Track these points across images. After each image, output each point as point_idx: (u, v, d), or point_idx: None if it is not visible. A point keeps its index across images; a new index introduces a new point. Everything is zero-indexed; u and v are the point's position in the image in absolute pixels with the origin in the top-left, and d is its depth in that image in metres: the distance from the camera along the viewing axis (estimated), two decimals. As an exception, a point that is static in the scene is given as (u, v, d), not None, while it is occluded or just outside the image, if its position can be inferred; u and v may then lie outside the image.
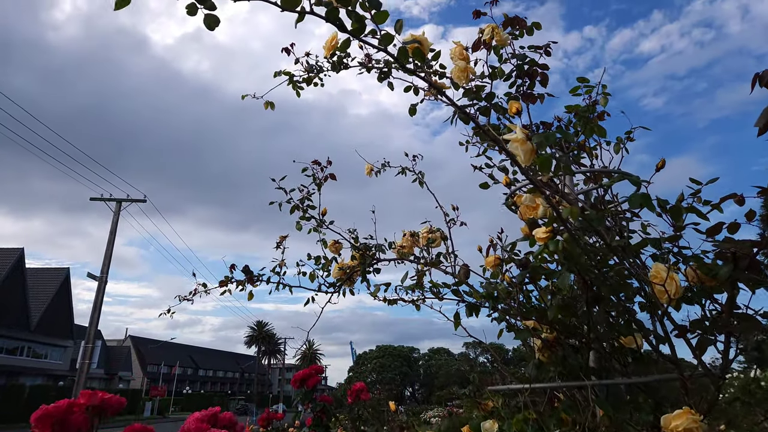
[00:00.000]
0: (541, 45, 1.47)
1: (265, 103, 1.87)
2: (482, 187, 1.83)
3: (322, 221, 1.99)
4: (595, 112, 1.34)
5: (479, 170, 1.97)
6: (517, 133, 1.05)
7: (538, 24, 1.48)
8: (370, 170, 2.40)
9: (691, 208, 1.00)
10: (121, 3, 0.80)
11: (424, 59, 1.00)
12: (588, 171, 1.38)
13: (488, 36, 1.36)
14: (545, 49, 1.46)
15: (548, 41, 1.46)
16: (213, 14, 0.85)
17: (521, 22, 1.46)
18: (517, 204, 1.28)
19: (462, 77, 1.36)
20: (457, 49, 1.42)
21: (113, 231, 12.53)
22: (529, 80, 1.48)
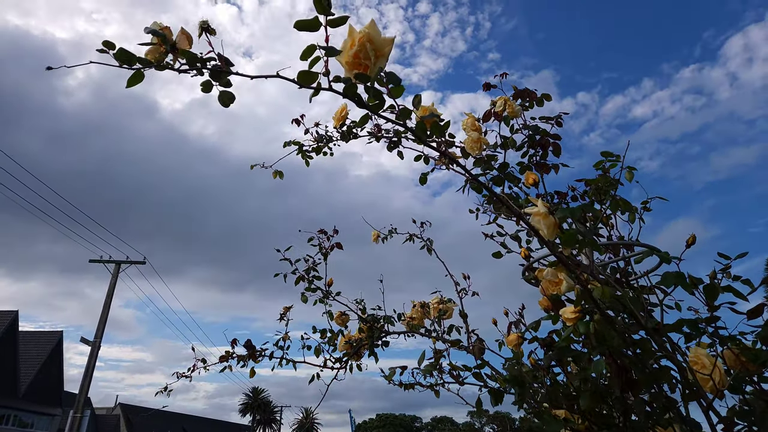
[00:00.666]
0: (552, 116, 1.46)
1: (274, 172, 1.86)
2: (495, 257, 1.77)
3: (328, 292, 1.91)
4: (616, 188, 1.31)
5: (490, 238, 1.92)
6: (538, 206, 1.01)
7: (548, 96, 1.49)
8: (376, 237, 2.35)
9: (728, 287, 0.94)
10: (133, 81, 0.78)
11: (443, 133, 0.97)
12: (612, 244, 1.33)
13: (500, 108, 1.35)
14: (556, 119, 1.46)
15: (559, 112, 1.46)
16: (228, 91, 0.82)
17: (531, 94, 1.47)
18: (538, 278, 1.22)
19: (475, 148, 1.34)
20: (469, 120, 1.42)
21: (110, 294, 12.32)
22: (541, 150, 1.46)
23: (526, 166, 1.50)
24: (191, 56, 0.82)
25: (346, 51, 0.85)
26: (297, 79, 0.83)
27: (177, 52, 0.85)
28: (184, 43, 0.86)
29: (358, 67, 0.86)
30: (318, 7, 0.78)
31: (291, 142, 1.82)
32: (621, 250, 1.48)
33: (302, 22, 0.78)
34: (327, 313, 1.92)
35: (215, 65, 0.83)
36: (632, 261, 1.47)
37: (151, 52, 0.84)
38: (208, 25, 0.83)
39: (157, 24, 0.84)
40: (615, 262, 1.36)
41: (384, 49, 0.86)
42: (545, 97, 1.48)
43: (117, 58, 0.76)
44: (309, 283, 1.90)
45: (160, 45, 0.83)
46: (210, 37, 0.84)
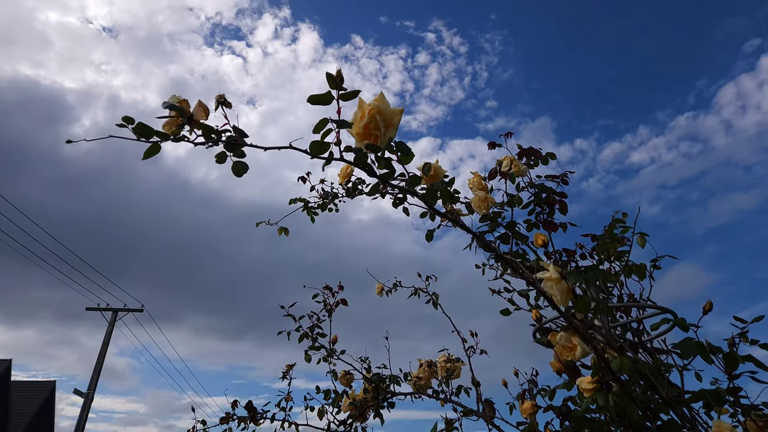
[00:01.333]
0: (558, 174, 1.47)
1: (279, 229, 1.86)
2: (503, 314, 1.74)
3: (333, 350, 1.87)
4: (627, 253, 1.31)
5: (498, 294, 1.90)
6: (551, 271, 1.00)
7: (553, 154, 1.50)
8: (380, 290, 2.33)
9: (749, 357, 0.91)
10: (150, 153, 0.79)
11: (453, 199, 0.97)
12: (625, 305, 1.31)
13: (507, 168, 1.36)
14: (562, 178, 1.47)
15: (565, 170, 1.47)
16: (242, 161, 0.83)
17: (536, 152, 1.49)
18: (551, 342, 1.19)
19: (482, 207, 1.34)
20: (475, 179, 1.43)
21: (106, 343, 12.07)
22: (548, 208, 1.46)
23: (533, 224, 1.50)
24: (207, 128, 0.83)
25: (357, 122, 0.87)
26: (309, 150, 0.84)
27: (194, 124, 0.86)
28: (200, 114, 0.88)
29: (369, 137, 0.87)
30: (330, 83, 0.80)
31: (297, 199, 1.83)
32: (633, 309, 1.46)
33: (315, 96, 0.80)
34: (331, 372, 1.87)
35: (230, 137, 0.85)
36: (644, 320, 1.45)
37: (168, 125, 0.85)
38: (225, 98, 0.85)
39: (175, 97, 0.85)
40: (628, 323, 1.34)
41: (393, 119, 0.88)
42: (550, 156, 1.50)
43: (135, 132, 0.77)
44: (313, 341, 1.87)
45: (177, 118, 0.84)
46: (225, 109, 0.85)
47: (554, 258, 1.50)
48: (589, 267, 1.53)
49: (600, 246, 1.52)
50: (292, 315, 1.91)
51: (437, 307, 2.18)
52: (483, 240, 1.44)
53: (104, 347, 12.03)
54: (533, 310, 1.40)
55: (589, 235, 1.68)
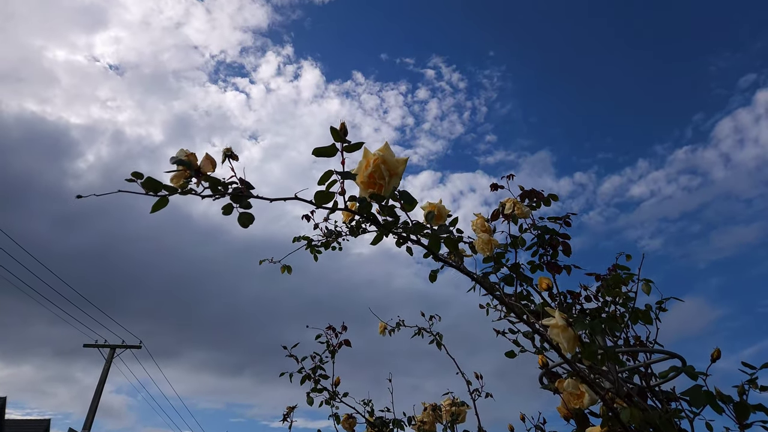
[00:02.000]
0: (560, 216, 1.48)
1: (282, 267, 1.86)
2: (508, 356, 1.72)
3: (335, 393, 1.84)
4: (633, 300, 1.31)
5: (502, 335, 1.87)
6: (557, 318, 0.99)
7: (555, 196, 1.52)
8: (383, 329, 2.30)
9: (760, 406, 0.90)
10: (158, 206, 0.81)
11: (457, 247, 0.98)
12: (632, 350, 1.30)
13: (509, 210, 1.38)
14: (564, 219, 1.48)
15: (567, 212, 1.48)
16: (248, 212, 0.84)
17: (538, 194, 1.50)
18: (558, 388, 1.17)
19: (486, 249, 1.35)
20: (479, 221, 1.44)
21: (102, 381, 11.85)
22: (552, 250, 1.47)
23: (537, 265, 1.50)
24: (214, 181, 0.84)
25: (362, 171, 0.88)
26: (314, 200, 0.86)
27: (201, 176, 0.88)
28: (208, 167, 0.89)
29: (373, 186, 0.89)
30: (334, 136, 0.82)
31: (300, 238, 1.84)
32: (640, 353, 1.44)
33: (320, 149, 0.82)
34: (333, 416, 1.83)
35: (236, 188, 0.86)
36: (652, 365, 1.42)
37: (176, 178, 0.87)
38: (232, 151, 0.87)
39: (183, 151, 0.87)
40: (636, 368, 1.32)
41: (398, 169, 0.89)
42: (552, 197, 1.51)
43: (144, 186, 0.79)
44: (315, 383, 1.84)
45: (184, 171, 0.86)
46: (232, 162, 0.87)
47: (559, 300, 1.49)
48: (594, 310, 1.52)
49: (605, 289, 1.51)
50: (294, 356, 1.89)
51: (441, 347, 2.15)
52: (486, 282, 1.44)
53: (101, 385, 11.81)
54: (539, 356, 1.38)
55: (593, 274, 1.67)
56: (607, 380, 1.12)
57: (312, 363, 1.86)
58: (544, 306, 1.29)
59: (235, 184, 0.86)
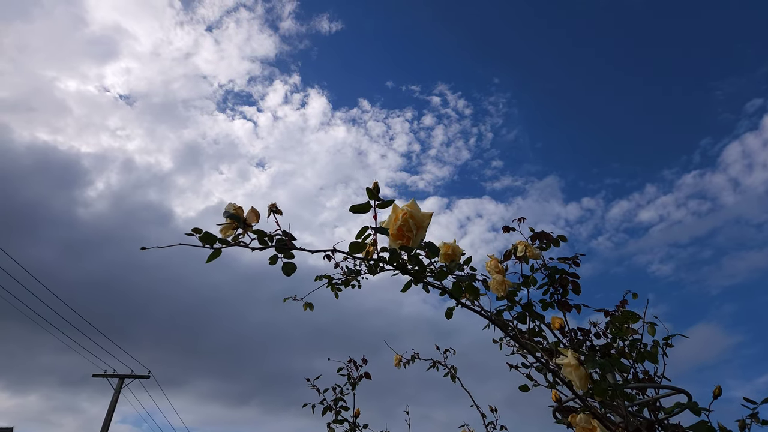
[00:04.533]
0: (569, 257, 1.58)
1: (305, 304, 1.95)
2: (522, 390, 1.79)
3: (356, 425, 1.90)
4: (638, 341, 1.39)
5: (515, 369, 1.94)
6: (569, 358, 1.08)
7: (564, 237, 1.61)
8: (398, 362, 2.37)
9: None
10: (212, 257, 0.91)
11: (478, 294, 1.07)
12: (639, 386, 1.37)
13: (522, 253, 1.47)
14: (573, 260, 1.57)
15: (576, 253, 1.57)
16: (291, 262, 0.95)
17: (548, 236, 1.60)
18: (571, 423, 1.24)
19: (500, 289, 1.44)
20: (492, 262, 1.53)
21: (111, 411, 11.81)
22: (562, 289, 1.55)
23: (548, 303, 1.58)
24: (261, 233, 0.95)
25: (392, 224, 0.99)
26: (349, 250, 0.96)
27: (247, 227, 0.99)
28: (252, 219, 1.00)
29: (402, 238, 0.99)
30: (369, 195, 0.93)
31: (322, 276, 1.93)
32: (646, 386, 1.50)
33: (357, 207, 0.93)
34: (353, 447, 1.89)
35: (280, 240, 0.97)
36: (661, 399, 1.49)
37: (224, 229, 0.98)
38: (276, 207, 0.98)
39: (232, 205, 0.99)
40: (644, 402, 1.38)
41: (424, 222, 1.00)
42: (561, 239, 1.61)
43: (202, 240, 0.89)
44: (336, 414, 1.91)
45: (232, 223, 0.97)
46: (277, 216, 0.98)
47: (570, 336, 1.57)
48: (604, 346, 1.60)
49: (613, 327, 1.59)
50: (316, 387, 1.97)
51: (455, 380, 2.22)
52: (500, 320, 1.53)
53: (109, 415, 11.76)
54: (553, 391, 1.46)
55: (601, 310, 1.75)
56: (617, 415, 1.19)
57: (333, 395, 1.93)
58: (557, 345, 1.37)
59: (279, 236, 0.97)
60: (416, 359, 2.37)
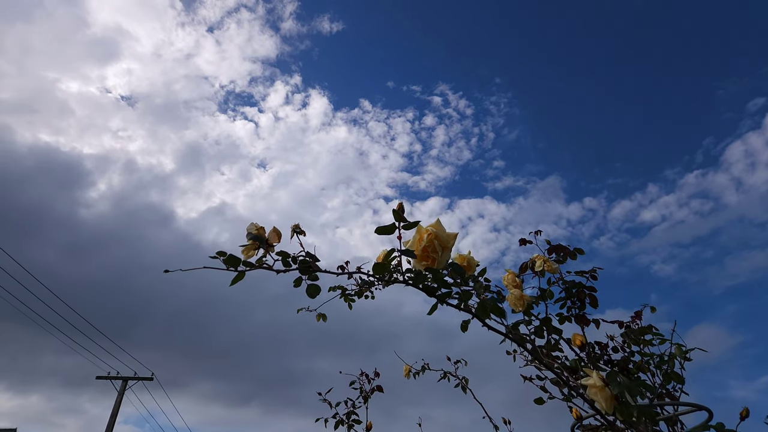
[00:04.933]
0: (587, 270, 1.56)
1: (318, 315, 1.94)
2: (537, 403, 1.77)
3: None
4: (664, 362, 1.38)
5: (529, 381, 1.93)
6: (594, 378, 1.06)
7: (581, 250, 1.60)
8: (407, 372, 2.36)
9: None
10: (236, 280, 0.90)
11: (504, 315, 1.06)
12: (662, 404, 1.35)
13: (540, 268, 1.46)
14: (591, 273, 1.55)
15: (593, 267, 1.56)
16: (315, 284, 0.94)
17: (565, 249, 1.58)
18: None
19: (518, 304, 1.42)
20: (509, 276, 1.52)
21: (114, 413, 11.80)
22: (579, 302, 1.54)
23: (565, 317, 1.57)
24: (285, 255, 0.94)
25: (416, 245, 0.98)
26: (373, 271, 0.95)
27: (269, 248, 0.97)
28: (274, 239, 0.99)
29: (426, 259, 0.98)
30: (395, 216, 0.91)
31: (336, 287, 1.92)
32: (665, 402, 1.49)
33: (383, 228, 0.92)
34: (366, 460, 1.88)
35: (303, 261, 0.95)
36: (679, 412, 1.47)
37: (246, 250, 0.97)
38: (300, 228, 0.97)
39: (254, 225, 0.97)
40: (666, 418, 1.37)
41: (449, 243, 0.98)
42: (578, 251, 1.59)
43: (226, 263, 0.88)
44: (348, 428, 1.89)
45: (254, 243, 0.96)
46: (300, 237, 0.97)
47: (587, 350, 1.55)
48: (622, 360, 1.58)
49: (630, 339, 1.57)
50: (328, 401, 1.95)
51: (467, 391, 2.20)
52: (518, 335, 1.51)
53: (113, 417, 11.76)
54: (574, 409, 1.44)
55: (616, 322, 1.74)
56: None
57: (345, 408, 1.92)
58: (578, 362, 1.36)
59: (302, 257, 0.96)
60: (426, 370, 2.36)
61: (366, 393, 1.92)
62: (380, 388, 1.93)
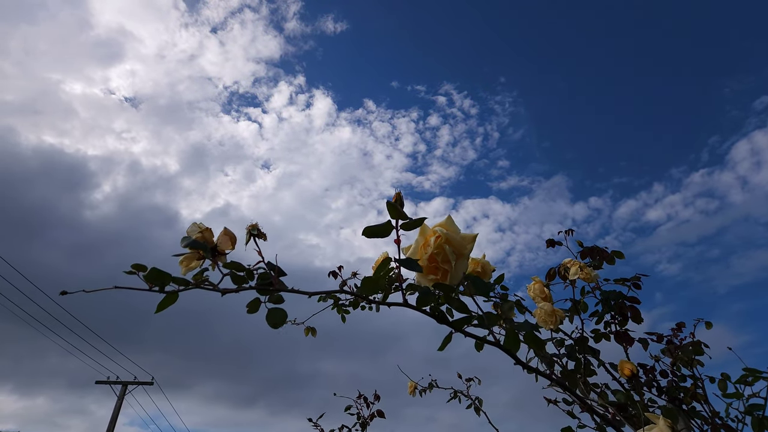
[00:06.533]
0: (629, 277, 1.28)
1: (306, 329, 1.67)
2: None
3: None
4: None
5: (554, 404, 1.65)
6: (660, 426, 0.79)
7: (620, 253, 1.32)
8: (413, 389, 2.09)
9: None
10: (165, 304, 0.63)
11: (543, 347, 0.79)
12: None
13: (575, 276, 1.18)
14: (634, 282, 1.27)
15: (636, 273, 1.28)
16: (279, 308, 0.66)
17: (601, 252, 1.31)
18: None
19: (550, 321, 1.15)
20: (536, 285, 1.24)
21: (114, 418, 11.57)
22: (620, 317, 1.26)
23: (602, 335, 1.30)
24: (236, 267, 0.67)
25: (420, 253, 0.71)
26: (361, 289, 0.68)
27: (217, 256, 0.71)
28: (226, 244, 0.72)
29: (435, 272, 0.71)
30: (391, 212, 0.64)
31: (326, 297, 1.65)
32: None
33: (373, 229, 0.64)
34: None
35: (263, 275, 0.68)
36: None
37: (186, 260, 0.70)
38: (259, 229, 0.70)
39: (197, 226, 0.70)
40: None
41: (465, 249, 0.71)
42: (617, 255, 1.32)
43: (148, 280, 0.61)
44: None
45: (197, 253, 0.69)
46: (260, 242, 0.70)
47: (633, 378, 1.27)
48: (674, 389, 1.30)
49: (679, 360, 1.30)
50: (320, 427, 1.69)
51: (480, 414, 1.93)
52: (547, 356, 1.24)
53: (113, 423, 11.54)
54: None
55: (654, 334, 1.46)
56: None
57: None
58: (628, 397, 1.08)
59: (262, 269, 0.69)
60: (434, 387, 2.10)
61: (364, 419, 1.65)
62: (381, 413, 1.65)
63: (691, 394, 1.28)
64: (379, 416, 1.65)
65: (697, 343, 1.35)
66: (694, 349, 1.29)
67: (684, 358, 1.30)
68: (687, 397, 1.27)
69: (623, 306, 1.27)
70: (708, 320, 1.38)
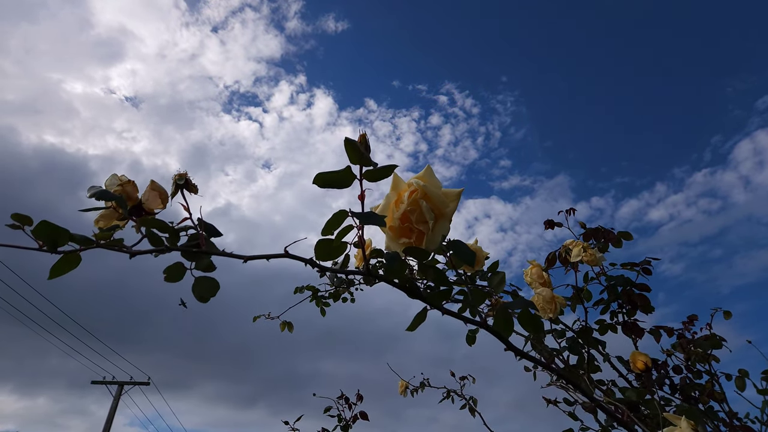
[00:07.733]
0: (638, 262, 1.15)
1: (282, 324, 1.53)
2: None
3: (349, 479, 1.48)
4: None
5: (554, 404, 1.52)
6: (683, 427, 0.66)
7: (628, 234, 1.19)
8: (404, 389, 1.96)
9: None
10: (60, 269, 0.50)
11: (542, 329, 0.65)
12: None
13: (578, 257, 1.04)
14: (643, 266, 1.14)
15: (646, 257, 1.15)
16: (209, 277, 0.53)
17: (607, 233, 1.17)
18: None
19: (548, 309, 1.01)
20: (534, 269, 1.11)
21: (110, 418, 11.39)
22: (629, 305, 1.13)
23: (608, 326, 1.16)
24: (157, 225, 0.53)
25: (391, 211, 0.57)
26: (315, 256, 0.54)
27: (144, 215, 0.57)
28: (155, 202, 0.59)
29: (408, 234, 0.57)
30: (351, 155, 0.50)
31: (303, 288, 1.52)
32: None
33: (327, 176, 0.51)
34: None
35: (192, 236, 0.55)
36: None
37: (104, 218, 0.56)
38: (188, 179, 0.56)
39: (117, 177, 0.57)
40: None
41: (446, 207, 0.57)
42: (624, 236, 1.18)
43: (36, 235, 0.48)
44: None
45: (116, 209, 0.55)
46: (189, 196, 0.56)
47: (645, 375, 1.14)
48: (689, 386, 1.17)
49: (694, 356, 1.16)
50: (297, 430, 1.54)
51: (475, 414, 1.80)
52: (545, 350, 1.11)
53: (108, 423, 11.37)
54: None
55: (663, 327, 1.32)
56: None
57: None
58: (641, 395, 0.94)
59: (191, 229, 0.55)
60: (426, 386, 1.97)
61: (346, 421, 1.51)
62: (364, 414, 1.51)
63: (708, 393, 1.14)
64: (362, 418, 1.51)
65: (713, 336, 1.21)
66: (710, 343, 1.16)
67: (699, 352, 1.17)
68: (703, 395, 1.13)
69: (632, 294, 1.13)
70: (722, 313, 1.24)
